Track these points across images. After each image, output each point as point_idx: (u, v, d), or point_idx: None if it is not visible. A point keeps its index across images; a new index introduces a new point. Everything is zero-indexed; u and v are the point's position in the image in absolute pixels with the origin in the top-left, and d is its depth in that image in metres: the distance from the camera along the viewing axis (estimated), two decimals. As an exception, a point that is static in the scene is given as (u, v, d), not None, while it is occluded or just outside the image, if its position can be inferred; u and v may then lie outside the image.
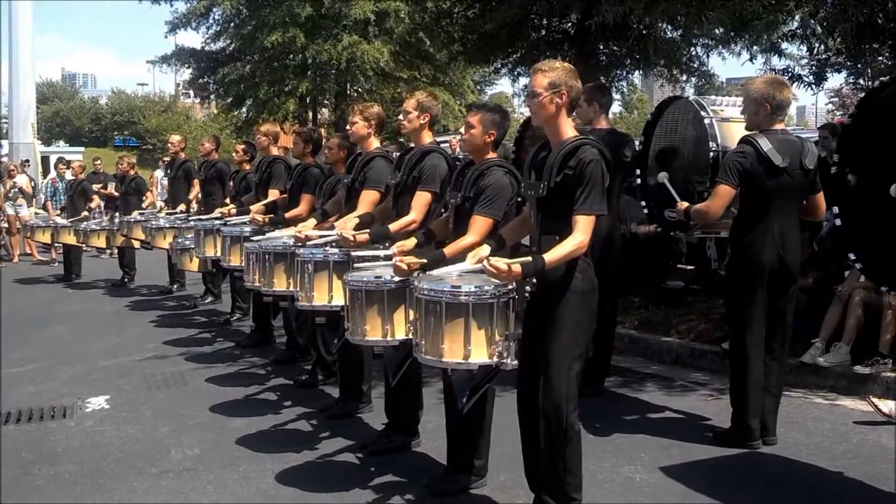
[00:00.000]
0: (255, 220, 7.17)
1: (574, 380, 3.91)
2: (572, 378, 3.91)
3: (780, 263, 5.05)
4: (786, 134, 5.15)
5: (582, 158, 3.81)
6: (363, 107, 5.86)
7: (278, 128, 9.21)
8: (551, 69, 3.95)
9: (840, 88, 27.42)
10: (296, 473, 4.98)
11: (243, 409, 6.30)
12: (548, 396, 3.90)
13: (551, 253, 3.74)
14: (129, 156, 15.06)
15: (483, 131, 4.46)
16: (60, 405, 6.45)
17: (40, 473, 5.08)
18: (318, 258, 5.10)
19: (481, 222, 4.33)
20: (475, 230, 4.31)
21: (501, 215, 4.38)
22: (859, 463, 4.94)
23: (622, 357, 7.46)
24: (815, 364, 6.44)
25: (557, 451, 3.93)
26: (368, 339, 4.36)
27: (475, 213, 4.37)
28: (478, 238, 4.24)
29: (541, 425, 3.94)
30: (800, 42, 8.86)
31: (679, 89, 15.73)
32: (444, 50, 14.05)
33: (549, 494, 4.02)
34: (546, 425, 3.92)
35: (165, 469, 5.12)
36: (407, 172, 5.11)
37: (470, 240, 4.26)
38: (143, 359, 8.03)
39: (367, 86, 24.78)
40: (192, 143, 22.20)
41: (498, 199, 4.37)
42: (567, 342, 3.89)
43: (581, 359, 3.95)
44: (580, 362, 3.95)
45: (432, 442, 5.29)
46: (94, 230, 12.95)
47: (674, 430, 5.60)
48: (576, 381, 3.93)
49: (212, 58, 25.89)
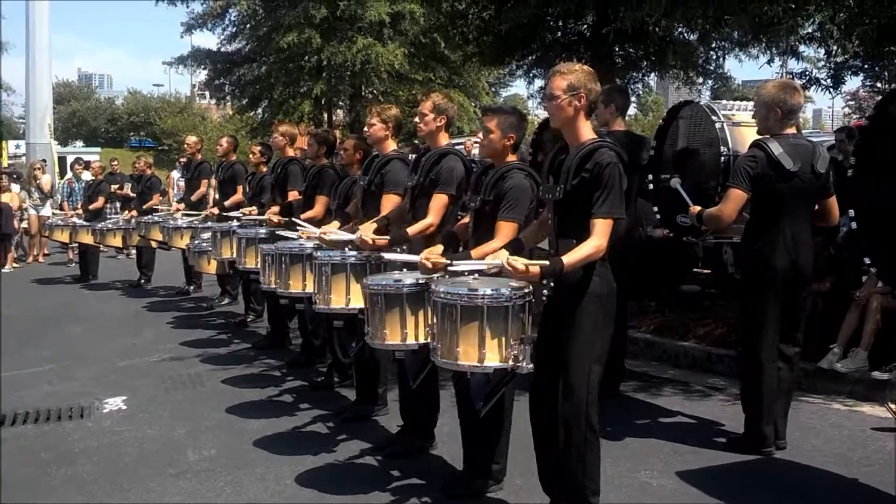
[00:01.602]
0: (270, 221, 7.20)
1: (594, 384, 3.91)
2: (592, 382, 3.90)
3: (792, 267, 5.03)
4: (797, 138, 5.13)
5: (599, 161, 3.80)
6: (381, 108, 5.86)
7: (296, 129, 9.21)
8: (570, 72, 3.93)
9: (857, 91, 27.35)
10: (312, 475, 4.99)
11: (260, 410, 6.32)
12: (567, 401, 3.90)
13: (570, 255, 3.73)
14: (147, 155, 15.10)
15: (502, 135, 4.46)
16: (77, 405, 6.49)
17: (57, 474, 5.11)
18: (336, 261, 5.11)
19: (507, 227, 4.33)
20: (502, 235, 4.31)
21: (524, 219, 4.39)
22: (876, 470, 4.90)
23: (638, 361, 7.44)
24: (833, 370, 6.40)
25: (577, 456, 3.92)
26: (388, 342, 4.37)
27: (500, 220, 4.37)
28: (504, 242, 4.23)
29: (560, 430, 3.93)
30: (817, 45, 8.85)
31: (695, 91, 15.69)
32: (458, 51, 14.10)
33: (567, 499, 4.01)
34: (566, 430, 3.91)
35: (182, 470, 5.14)
36: (424, 175, 5.11)
37: (496, 244, 4.26)
38: (159, 360, 8.07)
39: (381, 87, 24.82)
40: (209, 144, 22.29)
41: (520, 203, 4.39)
42: (585, 346, 3.88)
43: (600, 362, 3.95)
44: (600, 366, 3.94)
45: (448, 445, 5.29)
46: (111, 230, 13.01)
47: (690, 435, 5.58)
48: (596, 384, 3.92)
49: (227, 59, 26.00)
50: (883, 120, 4.30)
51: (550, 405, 3.97)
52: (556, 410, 3.94)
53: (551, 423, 3.97)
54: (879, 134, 4.29)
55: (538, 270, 3.68)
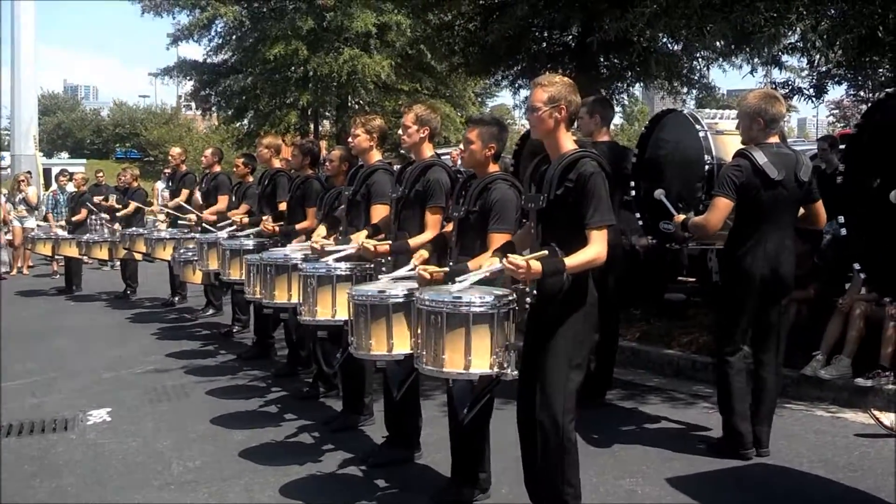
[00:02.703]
0: (265, 228, 7.21)
1: (572, 392, 3.92)
2: (570, 390, 3.91)
3: (772, 275, 5.07)
4: (780, 147, 5.17)
5: (582, 172, 3.84)
6: (365, 119, 5.87)
7: (280, 140, 9.23)
8: (550, 84, 3.98)
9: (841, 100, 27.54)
10: (298, 486, 4.97)
11: (245, 421, 6.29)
12: (544, 408, 3.91)
13: (572, 258, 3.76)
14: (133, 168, 15.06)
15: (483, 146, 4.49)
16: (62, 417, 6.45)
17: (41, 486, 5.07)
18: (322, 272, 5.11)
19: (500, 239, 4.34)
20: (496, 246, 4.30)
21: (514, 228, 4.43)
22: (861, 476, 4.93)
23: (623, 370, 7.45)
24: (817, 377, 6.44)
25: (555, 463, 3.93)
26: (373, 353, 4.38)
27: (491, 232, 4.39)
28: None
29: (538, 436, 3.94)
30: (800, 55, 8.89)
31: (680, 101, 15.77)
32: (444, 62, 14.11)
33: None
34: (543, 437, 3.92)
35: (167, 482, 5.11)
36: (409, 186, 5.12)
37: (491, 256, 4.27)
38: (144, 371, 8.03)
39: (368, 98, 24.87)
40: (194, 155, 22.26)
41: (508, 213, 4.42)
42: (564, 354, 3.90)
43: (580, 370, 3.96)
44: (579, 374, 3.95)
45: (434, 455, 5.28)
46: (96, 242, 12.96)
47: (675, 442, 5.59)
48: (574, 393, 3.93)
49: (213, 70, 26.02)
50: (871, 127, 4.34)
51: (530, 413, 3.98)
52: (533, 418, 3.95)
53: (533, 429, 3.98)
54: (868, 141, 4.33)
55: (539, 267, 3.69)
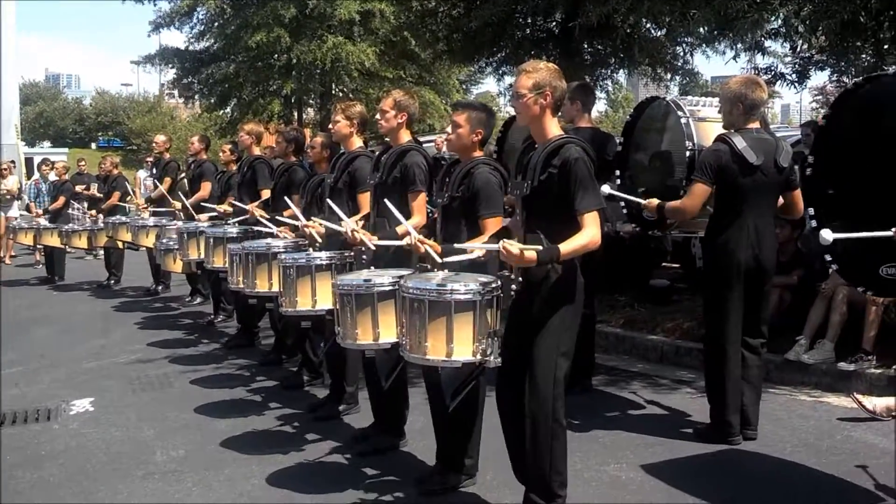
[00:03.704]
0: (253, 215, 7.18)
1: (561, 378, 3.93)
2: (559, 377, 3.92)
3: (755, 260, 5.10)
4: (760, 133, 5.18)
5: (566, 158, 3.84)
6: (345, 105, 5.87)
7: (262, 128, 9.18)
8: (535, 70, 3.98)
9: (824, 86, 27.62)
10: (282, 475, 4.96)
11: (228, 410, 6.27)
12: (534, 396, 3.91)
13: (567, 244, 3.76)
14: (113, 156, 14.93)
15: (470, 130, 4.48)
16: (45, 408, 6.41)
17: (24, 477, 5.05)
18: (302, 263, 5.09)
19: (492, 223, 4.34)
20: (490, 231, 4.31)
21: (503, 212, 4.43)
22: (843, 459, 4.96)
23: (608, 355, 7.48)
24: (800, 361, 6.47)
25: (544, 450, 3.93)
26: (360, 342, 4.37)
27: (484, 218, 4.37)
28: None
29: (527, 424, 3.94)
30: (783, 40, 8.91)
31: (663, 88, 15.78)
32: (428, 49, 14.09)
33: (534, 492, 4.02)
34: (532, 424, 3.93)
35: (150, 471, 5.09)
36: (386, 172, 5.10)
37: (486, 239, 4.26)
38: (127, 361, 7.98)
39: (352, 86, 24.77)
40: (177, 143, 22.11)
41: (494, 197, 4.40)
42: (552, 341, 3.90)
43: (567, 358, 3.96)
44: (567, 361, 3.96)
45: (419, 442, 5.29)
46: (77, 231, 12.87)
47: (659, 427, 5.61)
48: (563, 380, 3.94)
49: (196, 58, 25.83)
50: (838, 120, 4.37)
51: (518, 399, 3.98)
52: (521, 405, 3.95)
53: (519, 417, 3.98)
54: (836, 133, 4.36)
55: (534, 255, 3.70)
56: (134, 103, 62.14)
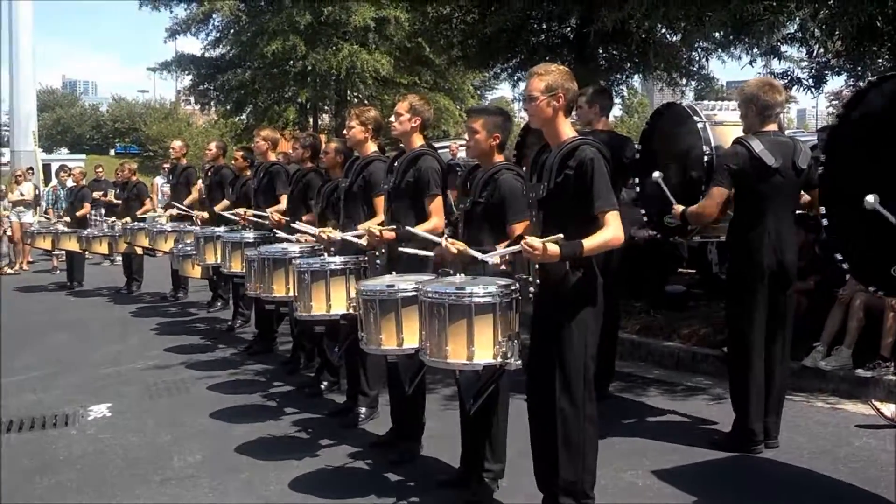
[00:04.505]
0: (272, 220, 7.18)
1: (590, 380, 3.95)
2: (589, 378, 3.95)
3: (778, 264, 5.07)
4: (778, 135, 5.16)
5: (582, 158, 3.85)
6: (360, 111, 5.89)
7: (278, 134, 9.20)
8: (547, 72, 3.99)
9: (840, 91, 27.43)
10: (299, 480, 4.97)
11: (245, 416, 6.29)
12: (565, 395, 3.92)
13: (590, 240, 3.77)
14: (131, 162, 15.03)
15: (487, 135, 4.48)
16: (62, 413, 6.45)
17: (42, 482, 5.08)
18: (316, 268, 5.10)
19: (521, 227, 4.33)
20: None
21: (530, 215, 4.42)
22: (861, 467, 4.93)
23: (624, 362, 7.45)
24: (817, 368, 6.42)
25: (577, 450, 3.94)
26: (384, 347, 4.36)
27: (512, 224, 4.38)
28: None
29: (558, 425, 3.94)
30: (799, 44, 8.87)
31: (679, 93, 15.74)
32: (443, 55, 14.11)
33: (566, 494, 4.00)
34: (564, 425, 3.93)
35: (167, 476, 5.11)
36: (400, 176, 5.11)
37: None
38: (144, 366, 8.02)
39: (367, 92, 24.82)
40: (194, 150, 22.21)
41: (520, 202, 4.39)
42: (580, 344, 3.92)
43: (594, 359, 3.98)
44: (594, 363, 3.98)
45: (437, 447, 5.28)
46: (97, 237, 12.92)
47: (676, 434, 5.59)
48: (592, 381, 3.96)
49: (212, 64, 25.97)
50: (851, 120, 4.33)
51: (549, 401, 3.97)
52: (553, 407, 3.94)
53: (551, 419, 3.96)
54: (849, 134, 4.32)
55: (557, 250, 3.70)
56: (150, 110, 62.52)
